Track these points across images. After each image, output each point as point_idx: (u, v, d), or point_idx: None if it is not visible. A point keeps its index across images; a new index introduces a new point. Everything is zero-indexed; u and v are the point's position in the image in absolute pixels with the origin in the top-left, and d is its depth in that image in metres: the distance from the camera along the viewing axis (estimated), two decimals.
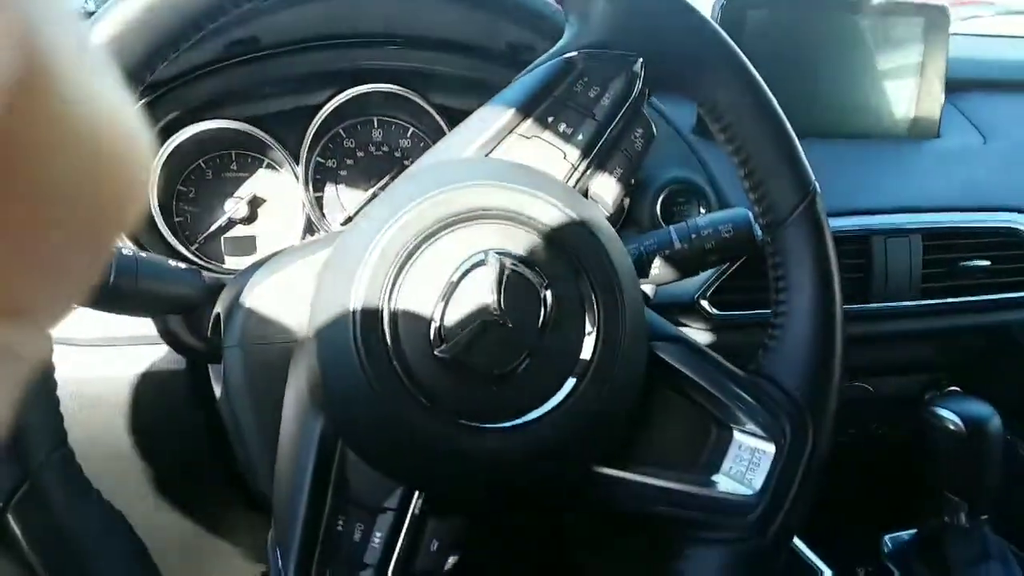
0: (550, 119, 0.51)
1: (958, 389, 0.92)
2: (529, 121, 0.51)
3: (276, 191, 0.81)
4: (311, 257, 0.51)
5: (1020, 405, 0.99)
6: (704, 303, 0.80)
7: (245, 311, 0.52)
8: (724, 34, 0.53)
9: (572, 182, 0.51)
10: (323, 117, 0.79)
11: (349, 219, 0.83)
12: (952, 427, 0.75)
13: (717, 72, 0.52)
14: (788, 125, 0.54)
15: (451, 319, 0.44)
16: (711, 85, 0.53)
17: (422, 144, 0.84)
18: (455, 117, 0.83)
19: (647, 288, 0.70)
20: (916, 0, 0.93)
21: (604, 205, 0.52)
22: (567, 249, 0.46)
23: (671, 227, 0.66)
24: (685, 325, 0.81)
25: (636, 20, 0.51)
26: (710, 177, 0.81)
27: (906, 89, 0.94)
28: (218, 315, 0.54)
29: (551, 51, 0.52)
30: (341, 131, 0.83)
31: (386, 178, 0.83)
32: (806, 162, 0.54)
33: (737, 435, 0.51)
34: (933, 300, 0.85)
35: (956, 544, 0.80)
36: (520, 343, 0.45)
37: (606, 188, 0.52)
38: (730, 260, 0.71)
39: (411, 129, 0.84)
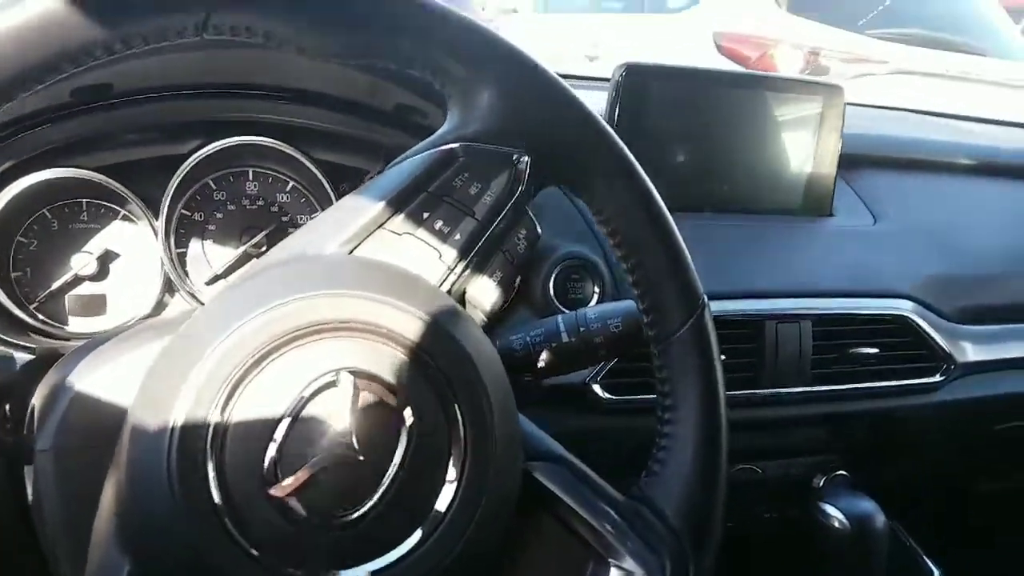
0: (425, 215, 0.46)
1: (845, 473, 0.91)
2: (401, 216, 0.45)
3: (132, 246, 0.73)
4: (145, 348, 0.45)
5: (907, 488, 1.00)
6: (596, 387, 0.76)
7: (62, 409, 0.44)
8: (614, 135, 0.49)
9: (447, 285, 0.45)
10: (189, 167, 0.72)
11: (216, 278, 0.76)
12: (838, 525, 0.74)
13: (607, 176, 0.49)
14: (677, 234, 0.50)
15: (290, 451, 0.38)
16: (599, 188, 0.49)
17: (303, 200, 0.78)
18: (341, 174, 0.77)
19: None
20: (813, 79, 0.93)
21: (482, 310, 0.47)
22: (435, 371, 0.41)
23: (559, 318, 0.62)
24: (575, 411, 0.77)
25: (523, 114, 0.47)
26: (606, 254, 0.78)
27: (801, 166, 0.93)
28: (34, 408, 0.47)
29: (430, 139, 0.47)
30: (211, 182, 0.75)
31: (260, 234, 0.76)
32: (695, 274, 0.51)
33: (614, 572, 0.47)
34: (823, 386, 0.84)
35: None
36: (372, 483, 0.39)
37: (485, 293, 0.47)
38: (620, 355, 0.68)
39: (291, 183, 0.78)
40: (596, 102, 0.84)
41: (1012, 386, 0.95)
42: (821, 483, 0.92)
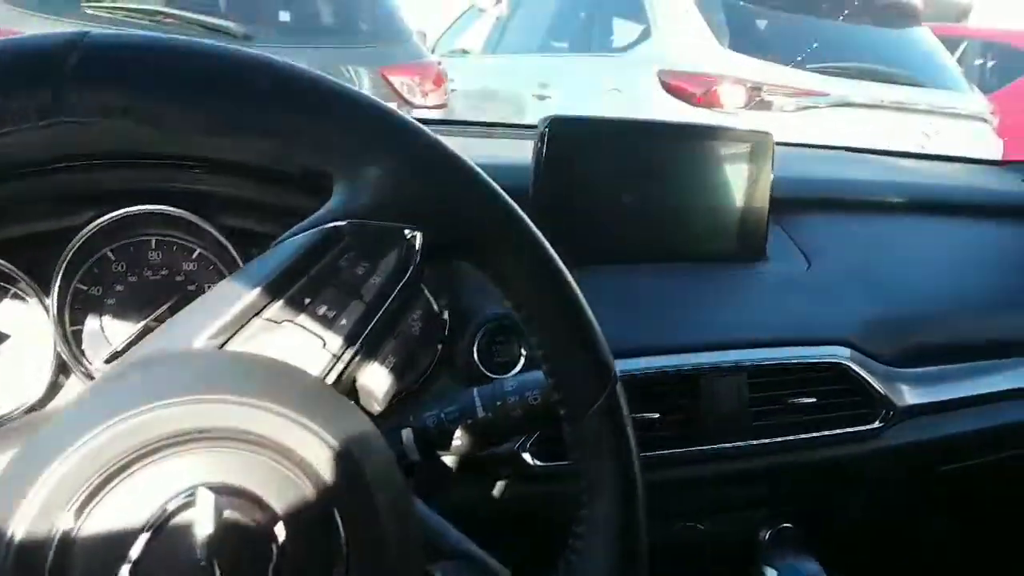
0: (307, 300, 0.42)
1: (790, 526, 0.89)
2: (280, 302, 0.42)
3: (22, 326, 0.68)
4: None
5: (854, 537, 0.97)
6: (525, 455, 0.73)
7: None
8: (515, 208, 0.47)
9: (333, 376, 0.42)
10: (82, 240, 0.68)
11: (116, 355, 0.71)
12: None
13: (508, 250, 0.46)
14: (585, 307, 0.48)
15: None
16: (501, 262, 0.46)
17: (210, 267, 0.74)
18: (250, 239, 0.73)
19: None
20: (742, 127, 0.92)
21: (374, 399, 0.43)
22: (311, 477, 0.37)
23: (476, 391, 0.59)
24: (504, 481, 0.73)
25: (413, 188, 0.44)
26: None
27: (733, 212, 0.92)
28: None
29: (312, 217, 0.44)
30: (110, 253, 0.71)
31: (164, 306, 0.72)
32: (605, 348, 0.48)
33: None
34: (762, 439, 0.82)
35: None
36: None
37: (377, 380, 0.43)
38: (541, 429, 0.65)
39: (197, 250, 0.74)
40: (526, 152, 0.82)
41: (953, 427, 0.94)
42: (767, 537, 0.89)
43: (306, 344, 0.42)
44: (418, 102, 3.15)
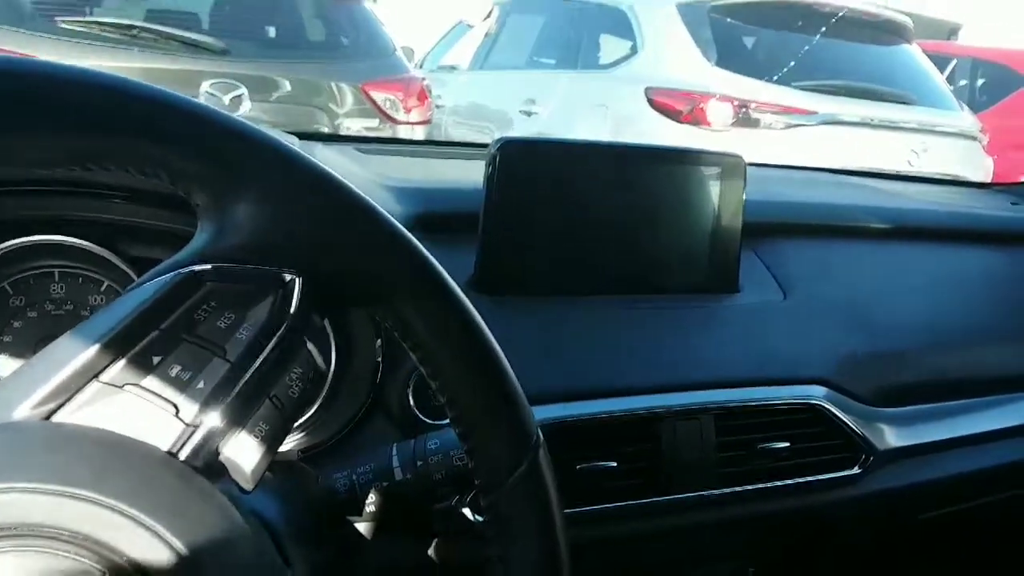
0: (157, 359, 0.36)
1: None
2: (123, 362, 0.35)
3: None
4: None
5: None
6: (466, 510, 0.66)
7: None
8: (418, 246, 0.40)
9: (188, 450, 0.35)
10: None
11: None
12: None
13: (408, 296, 0.40)
14: (503, 362, 0.41)
15: None
16: (400, 310, 0.40)
17: None
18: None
19: None
20: (712, 149, 0.86)
21: (242, 478, 0.37)
22: None
23: (394, 448, 0.52)
24: (439, 538, 0.66)
25: (291, 224, 0.38)
26: None
27: (702, 239, 0.85)
28: None
29: (168, 261, 0.38)
30: (8, 287, 0.65)
31: None
32: (526, 410, 0.42)
33: None
34: (730, 488, 0.75)
35: None
36: None
37: (245, 453, 0.37)
38: (469, 492, 0.58)
39: (104, 283, 0.67)
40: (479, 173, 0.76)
41: (936, 471, 0.88)
42: None
43: (154, 412, 0.35)
44: (401, 118, 3.10)
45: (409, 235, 0.40)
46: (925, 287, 1.01)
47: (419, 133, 3.16)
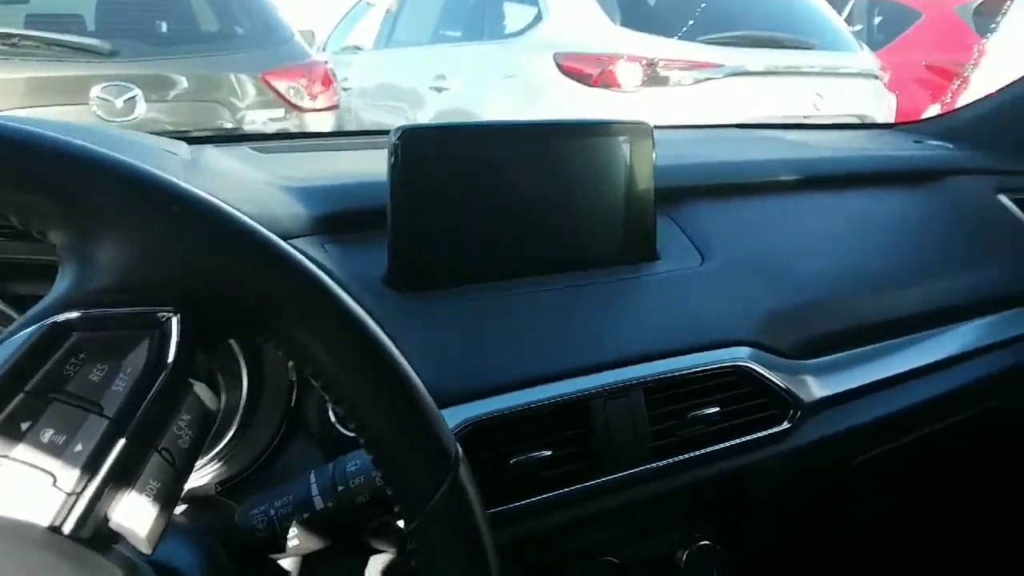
0: (25, 426, 0.32)
1: (708, 543, 0.83)
2: None
3: None
4: None
5: (776, 545, 0.92)
6: (401, 522, 0.64)
7: None
8: (306, 264, 0.38)
9: (71, 523, 0.32)
10: None
11: None
12: None
13: (304, 324, 0.37)
14: (413, 379, 0.39)
15: None
16: (294, 336, 0.37)
17: None
18: None
19: None
20: (615, 119, 0.85)
21: (139, 543, 0.34)
22: None
23: (312, 475, 0.50)
24: (391, 554, 0.64)
25: (162, 258, 0.35)
26: None
27: (614, 211, 0.84)
28: None
29: (29, 313, 0.34)
30: None
31: None
32: (442, 426, 0.40)
33: None
34: (666, 459, 0.75)
35: None
36: None
37: (138, 516, 0.34)
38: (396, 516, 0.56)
39: None
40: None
41: (863, 415, 0.90)
42: (684, 557, 0.83)
43: (29, 485, 0.32)
44: (307, 105, 3.01)
45: (294, 253, 0.38)
46: (838, 234, 1.02)
47: (327, 119, 3.07)
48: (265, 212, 0.72)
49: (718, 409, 0.78)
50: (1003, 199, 1.19)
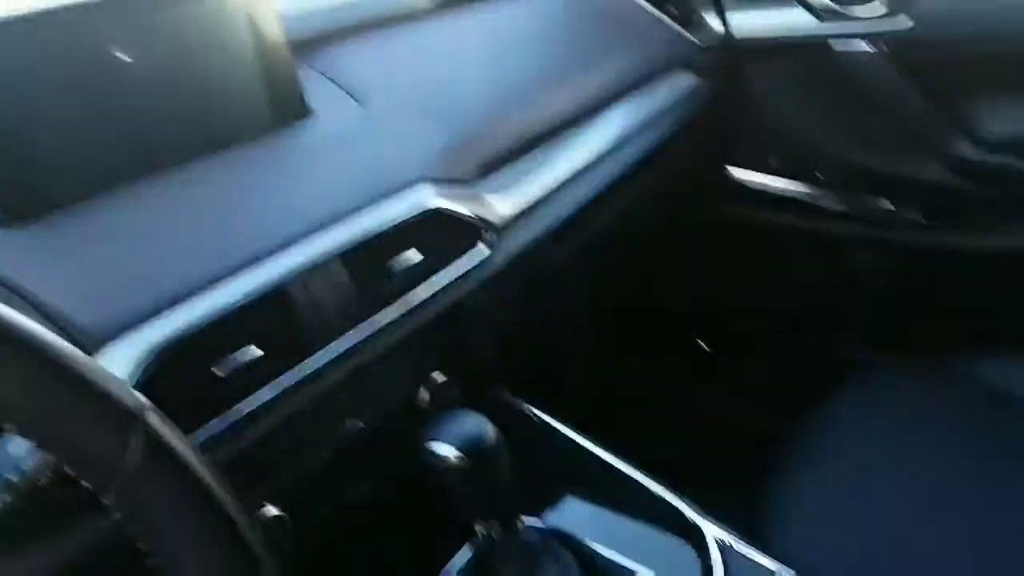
0: None
1: (444, 378, 0.84)
2: None
3: None
4: None
5: (498, 365, 0.96)
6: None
7: None
8: None
9: None
10: None
11: None
12: (455, 460, 0.65)
13: None
14: (51, 339, 0.31)
15: None
16: None
17: None
18: None
19: None
20: None
21: None
22: None
23: None
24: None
25: None
26: None
27: (249, 74, 0.76)
28: None
29: None
30: None
31: None
32: (114, 381, 0.33)
33: None
34: (378, 319, 0.73)
35: (504, 556, 0.73)
36: None
37: None
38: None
39: None
40: None
41: (553, 218, 0.94)
42: (426, 396, 0.84)
43: None
44: None
45: None
46: (486, 52, 1.02)
47: None
48: None
49: (419, 254, 0.76)
50: None
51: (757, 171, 1.31)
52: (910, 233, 1.28)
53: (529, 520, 0.76)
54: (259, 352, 0.64)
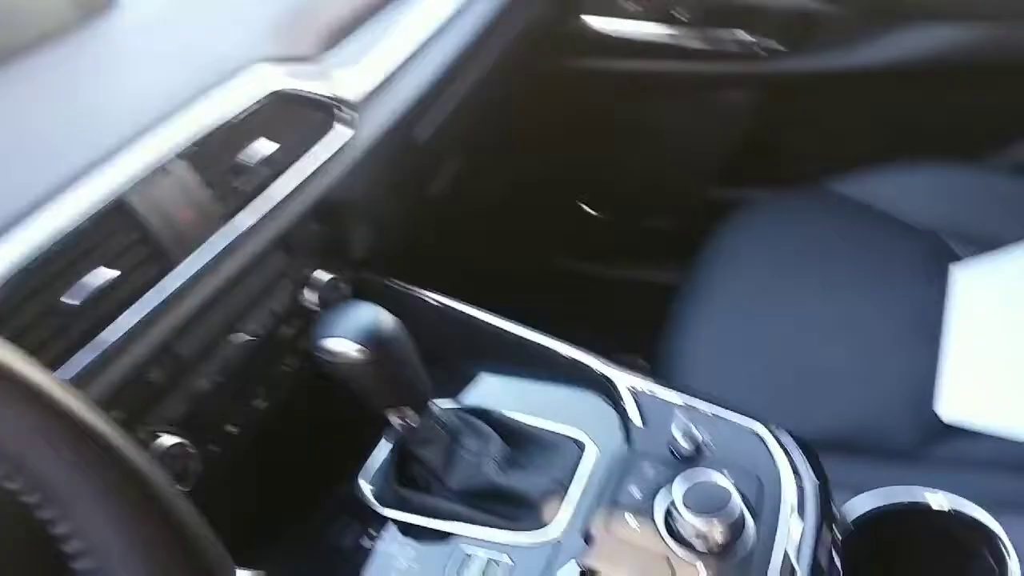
0: None
1: (328, 274, 0.78)
2: None
3: None
4: None
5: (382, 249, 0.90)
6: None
7: None
8: None
9: None
10: None
11: None
12: (356, 353, 0.60)
13: None
14: None
15: None
16: None
17: None
18: None
19: None
20: None
21: None
22: None
23: None
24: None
25: None
26: None
27: None
28: None
29: None
30: None
31: None
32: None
33: None
34: (243, 216, 0.66)
35: (423, 441, 0.70)
36: None
37: None
38: None
39: None
40: None
41: (410, 89, 0.87)
42: (314, 298, 0.78)
43: None
44: None
45: None
46: None
47: None
48: None
49: (271, 142, 0.69)
50: None
51: (612, 16, 1.27)
52: (770, 63, 1.28)
53: (442, 402, 0.73)
54: (112, 273, 0.56)
